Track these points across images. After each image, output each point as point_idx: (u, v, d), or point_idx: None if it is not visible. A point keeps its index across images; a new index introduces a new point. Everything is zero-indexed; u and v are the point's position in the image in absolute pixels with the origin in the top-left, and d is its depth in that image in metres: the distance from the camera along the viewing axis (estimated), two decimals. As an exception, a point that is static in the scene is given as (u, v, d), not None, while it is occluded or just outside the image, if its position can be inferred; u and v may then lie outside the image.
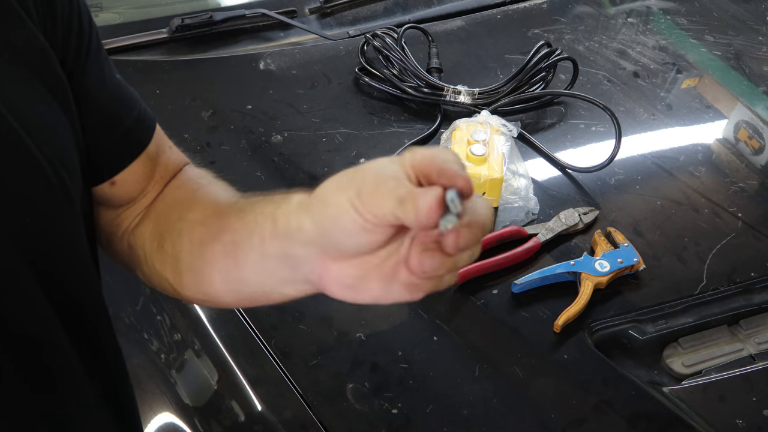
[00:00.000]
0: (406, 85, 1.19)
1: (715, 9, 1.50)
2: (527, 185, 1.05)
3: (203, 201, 0.66)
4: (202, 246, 0.62)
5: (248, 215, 0.59)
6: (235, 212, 0.61)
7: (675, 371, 0.88)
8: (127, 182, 0.66)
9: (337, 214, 0.49)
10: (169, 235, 0.65)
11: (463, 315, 0.91)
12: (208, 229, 0.62)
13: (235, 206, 0.62)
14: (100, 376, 0.62)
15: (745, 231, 1.03)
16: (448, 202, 0.47)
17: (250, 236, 0.57)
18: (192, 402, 0.87)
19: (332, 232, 0.50)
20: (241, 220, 0.59)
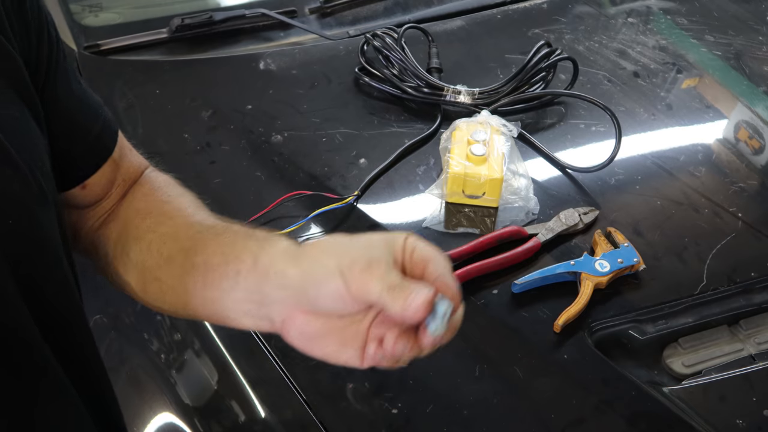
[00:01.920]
0: (406, 85, 1.19)
1: (715, 9, 1.50)
2: (527, 185, 1.05)
3: (176, 216, 0.67)
4: (170, 261, 0.63)
5: (227, 243, 0.60)
6: (213, 235, 0.62)
7: (675, 371, 0.88)
8: (96, 185, 0.69)
9: (325, 277, 0.52)
10: (136, 244, 0.66)
11: (463, 315, 0.91)
12: (179, 245, 0.63)
13: (212, 229, 0.63)
14: (78, 377, 0.63)
15: (745, 231, 1.03)
16: (437, 307, 0.52)
17: (225, 263, 0.59)
18: (192, 402, 0.87)
19: (313, 291, 0.53)
20: (218, 244, 0.61)
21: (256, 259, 0.57)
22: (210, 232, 0.63)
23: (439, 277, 0.54)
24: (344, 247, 0.54)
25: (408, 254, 0.55)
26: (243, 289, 0.58)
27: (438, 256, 0.55)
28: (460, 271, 0.92)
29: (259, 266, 0.57)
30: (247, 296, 0.58)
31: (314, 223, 0.99)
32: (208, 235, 0.62)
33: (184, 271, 0.62)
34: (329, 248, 0.54)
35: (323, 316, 0.55)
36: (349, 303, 0.53)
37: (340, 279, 0.52)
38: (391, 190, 1.06)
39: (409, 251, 0.55)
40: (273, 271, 0.55)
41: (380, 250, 0.53)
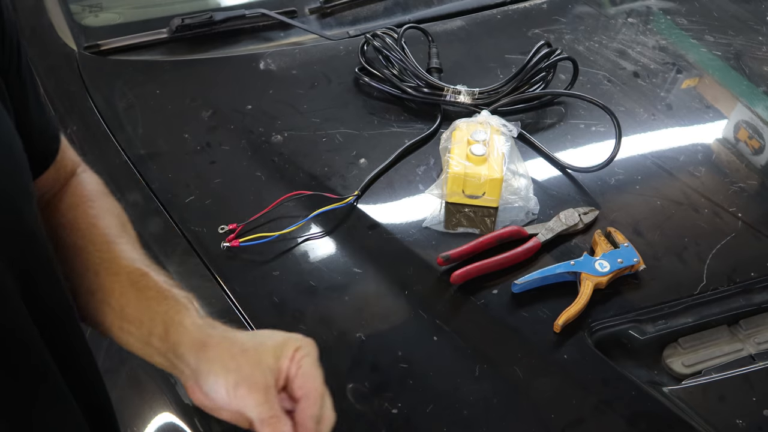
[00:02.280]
0: (406, 85, 1.19)
1: (715, 9, 1.50)
2: (527, 185, 1.05)
3: (98, 243, 0.69)
4: (90, 293, 0.67)
5: (141, 300, 0.66)
6: (129, 284, 0.67)
7: (675, 371, 0.88)
8: (45, 182, 0.70)
9: (215, 385, 0.61)
10: (63, 252, 0.68)
11: (463, 315, 0.91)
12: (99, 280, 0.67)
13: (130, 275, 0.67)
14: (74, 379, 0.63)
15: (745, 231, 1.03)
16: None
17: (140, 322, 0.65)
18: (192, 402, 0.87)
19: (206, 388, 0.62)
20: (134, 298, 0.66)
21: (167, 331, 0.64)
22: (128, 278, 0.67)
23: (307, 410, 0.62)
24: (235, 362, 0.61)
25: (294, 369, 0.62)
26: (155, 349, 0.65)
27: (314, 388, 0.62)
28: (460, 271, 0.92)
29: (168, 340, 0.64)
30: (159, 353, 0.65)
31: (314, 223, 0.99)
32: (126, 282, 0.67)
33: (100, 305, 0.67)
34: (223, 359, 0.61)
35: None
36: (232, 411, 0.62)
37: (225, 394, 0.61)
38: (391, 190, 1.06)
39: (295, 367, 0.62)
40: (179, 352, 0.63)
41: (264, 372, 0.60)
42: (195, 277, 0.93)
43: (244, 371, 0.60)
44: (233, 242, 0.94)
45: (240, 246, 0.94)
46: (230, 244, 0.94)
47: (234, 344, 0.62)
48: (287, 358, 0.62)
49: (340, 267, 0.96)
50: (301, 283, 0.93)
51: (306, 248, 0.97)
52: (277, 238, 0.96)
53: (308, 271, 0.95)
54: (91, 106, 1.16)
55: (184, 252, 0.95)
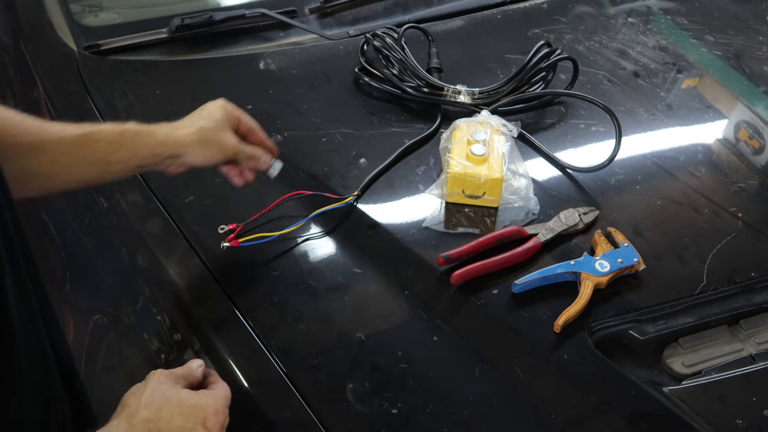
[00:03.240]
0: (406, 85, 1.19)
1: (715, 9, 1.50)
2: (527, 185, 1.05)
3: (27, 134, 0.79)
4: (68, 169, 0.81)
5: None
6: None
7: (675, 371, 0.88)
8: None
9: (190, 135, 0.86)
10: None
11: (463, 315, 0.91)
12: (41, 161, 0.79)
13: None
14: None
15: (745, 231, 1.03)
16: (275, 163, 0.96)
17: (113, 156, 0.82)
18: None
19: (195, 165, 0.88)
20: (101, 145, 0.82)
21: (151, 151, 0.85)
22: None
23: (264, 140, 0.95)
24: (206, 143, 0.87)
25: (236, 121, 0.92)
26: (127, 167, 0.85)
27: (256, 125, 0.94)
28: (460, 271, 0.92)
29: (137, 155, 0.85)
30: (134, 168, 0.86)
31: (314, 223, 0.99)
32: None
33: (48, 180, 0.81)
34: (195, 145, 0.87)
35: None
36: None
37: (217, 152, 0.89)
38: (391, 190, 1.06)
39: (235, 119, 0.91)
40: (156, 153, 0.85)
41: (226, 135, 0.89)
42: (195, 277, 0.93)
43: (213, 145, 0.87)
44: (233, 242, 0.94)
45: (240, 246, 0.94)
46: (230, 244, 0.94)
47: (192, 131, 0.86)
48: (234, 121, 0.91)
49: (340, 267, 0.96)
50: (301, 283, 0.93)
51: (306, 248, 0.97)
52: (277, 238, 0.96)
53: (308, 271, 0.95)
54: (91, 105, 1.16)
55: (184, 252, 0.95)
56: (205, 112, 0.89)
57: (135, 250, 0.99)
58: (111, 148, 0.82)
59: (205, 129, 0.87)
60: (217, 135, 0.88)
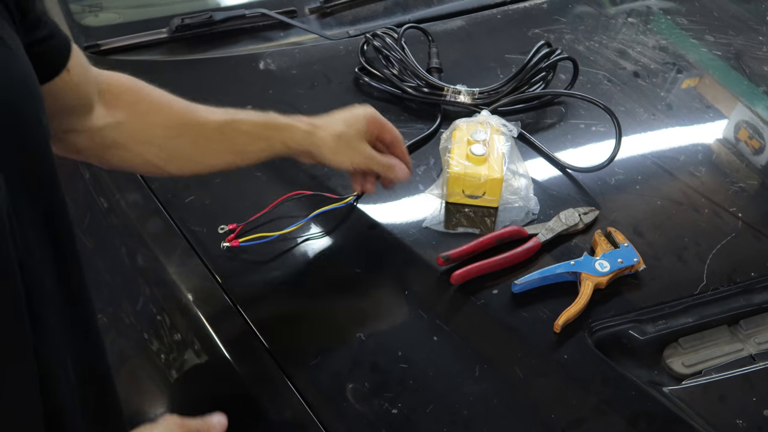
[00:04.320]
0: (406, 85, 1.19)
1: (715, 9, 1.51)
2: (527, 185, 1.05)
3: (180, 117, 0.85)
4: (210, 153, 0.86)
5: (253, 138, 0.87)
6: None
7: (675, 371, 0.88)
8: (77, 70, 0.71)
9: (333, 147, 0.89)
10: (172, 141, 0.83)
11: (463, 315, 0.91)
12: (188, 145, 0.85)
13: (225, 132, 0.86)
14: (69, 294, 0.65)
15: (745, 231, 1.03)
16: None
17: (254, 146, 0.87)
18: (192, 402, 0.87)
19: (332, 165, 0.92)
20: (242, 135, 0.86)
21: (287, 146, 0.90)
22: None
23: (403, 154, 0.97)
24: (344, 149, 0.90)
25: (379, 131, 0.94)
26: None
27: (398, 134, 0.96)
28: (460, 271, 0.92)
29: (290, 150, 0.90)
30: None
31: (314, 223, 0.99)
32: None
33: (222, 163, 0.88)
34: (331, 144, 0.89)
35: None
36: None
37: (350, 166, 0.92)
38: (391, 190, 1.06)
39: (379, 129, 0.94)
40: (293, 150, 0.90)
41: (362, 138, 0.91)
42: (195, 277, 0.93)
43: (346, 155, 0.89)
44: (233, 242, 0.94)
45: (240, 246, 0.94)
46: (230, 244, 0.94)
47: (330, 135, 0.88)
48: (373, 129, 0.92)
49: (340, 267, 0.96)
50: (301, 283, 0.93)
51: (306, 248, 0.97)
52: (277, 238, 0.96)
53: (308, 271, 0.95)
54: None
55: (184, 252, 0.95)
56: (350, 117, 0.91)
57: (135, 250, 0.99)
58: (249, 138, 0.86)
59: (343, 137, 0.89)
60: (352, 144, 0.90)
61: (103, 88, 0.79)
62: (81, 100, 0.76)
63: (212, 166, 0.88)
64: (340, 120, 0.91)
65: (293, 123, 0.88)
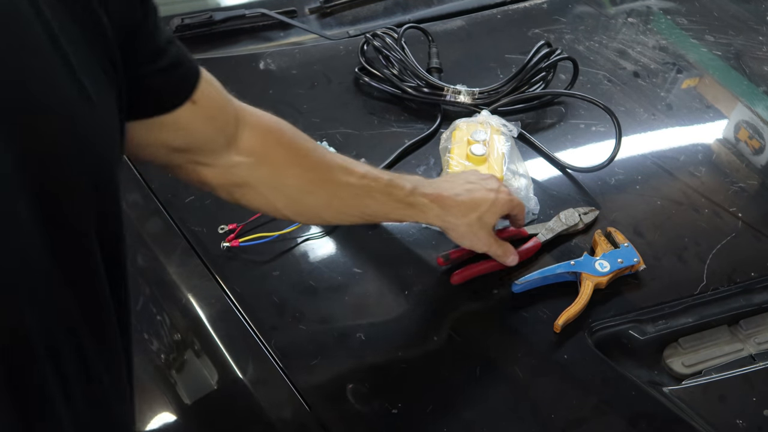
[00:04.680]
0: (406, 85, 1.19)
1: (715, 9, 1.51)
2: (527, 185, 1.05)
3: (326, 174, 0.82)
4: (341, 214, 0.86)
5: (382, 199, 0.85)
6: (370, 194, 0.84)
7: (675, 371, 0.88)
8: (206, 98, 0.69)
9: (461, 233, 0.89)
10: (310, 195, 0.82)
11: (463, 315, 0.91)
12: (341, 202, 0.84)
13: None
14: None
15: (745, 231, 1.03)
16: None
17: (385, 215, 0.88)
18: (192, 402, 0.87)
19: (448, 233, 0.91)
20: (376, 203, 0.85)
21: (411, 208, 0.87)
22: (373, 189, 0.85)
23: (521, 229, 0.98)
24: (468, 208, 0.88)
25: (508, 209, 0.93)
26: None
27: (522, 211, 0.95)
28: (460, 271, 0.92)
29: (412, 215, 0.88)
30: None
31: (314, 223, 0.99)
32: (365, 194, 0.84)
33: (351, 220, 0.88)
34: (461, 210, 0.88)
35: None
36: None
37: (469, 235, 0.89)
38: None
39: (508, 209, 0.92)
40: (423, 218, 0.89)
41: (491, 214, 0.90)
42: (195, 277, 0.93)
43: (483, 213, 0.89)
44: (233, 242, 0.94)
45: (240, 246, 0.94)
46: (230, 244, 0.95)
47: (462, 223, 0.88)
48: (501, 213, 0.91)
49: (340, 267, 0.96)
50: (301, 283, 0.93)
51: (306, 248, 0.97)
52: (277, 238, 0.96)
53: (308, 271, 0.95)
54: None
55: (184, 252, 0.95)
56: (482, 204, 0.89)
57: (135, 250, 0.99)
58: (382, 209, 0.86)
59: (473, 227, 0.88)
60: (478, 234, 0.89)
61: (243, 124, 0.76)
62: (211, 135, 0.73)
63: (338, 222, 0.91)
64: (475, 205, 0.89)
65: (427, 203, 0.87)
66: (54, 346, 0.52)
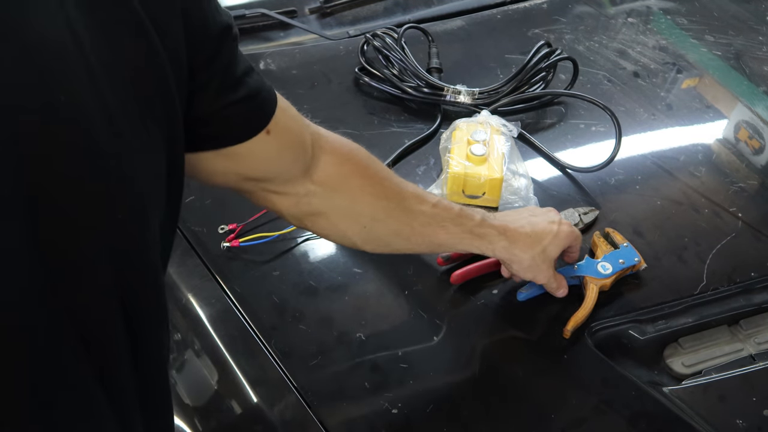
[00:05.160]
0: (406, 85, 1.19)
1: (715, 9, 1.50)
2: (527, 185, 1.05)
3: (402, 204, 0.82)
4: (410, 243, 0.84)
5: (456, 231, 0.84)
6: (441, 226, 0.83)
7: (675, 371, 0.88)
8: (282, 129, 0.69)
9: (525, 266, 0.87)
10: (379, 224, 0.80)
11: (463, 315, 0.91)
12: (415, 236, 0.83)
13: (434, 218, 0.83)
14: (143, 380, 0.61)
15: (745, 231, 1.03)
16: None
17: (453, 245, 0.86)
18: (192, 402, 0.87)
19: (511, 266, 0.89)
20: (445, 233, 0.84)
21: (478, 240, 0.86)
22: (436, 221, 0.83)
23: (574, 260, 0.94)
24: (533, 240, 0.86)
25: (570, 242, 0.90)
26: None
27: (578, 244, 0.93)
28: (460, 271, 0.92)
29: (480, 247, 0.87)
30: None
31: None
32: (438, 226, 0.83)
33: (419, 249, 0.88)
34: (526, 243, 0.86)
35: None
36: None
37: (530, 268, 0.88)
38: (391, 190, 1.06)
39: (570, 241, 0.90)
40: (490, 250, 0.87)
41: (553, 248, 0.88)
42: (195, 277, 0.93)
43: (547, 247, 0.87)
44: (233, 242, 0.94)
45: (240, 246, 0.94)
46: (230, 244, 0.95)
47: (528, 257, 0.86)
48: (563, 247, 0.89)
49: (340, 267, 0.96)
50: (301, 283, 0.93)
51: (306, 248, 0.97)
52: (277, 238, 0.96)
53: (308, 271, 0.95)
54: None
55: (184, 252, 0.95)
56: (547, 237, 0.87)
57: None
58: (451, 239, 0.84)
59: (536, 260, 0.86)
60: (540, 268, 0.87)
61: (320, 152, 0.76)
62: (285, 165, 0.72)
63: (406, 251, 0.87)
64: (539, 237, 0.87)
65: (496, 235, 0.85)
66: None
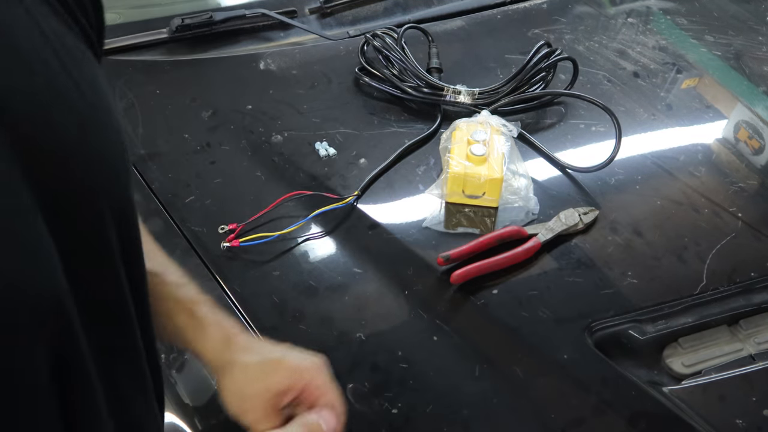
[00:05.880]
0: (406, 85, 1.19)
1: (715, 9, 1.50)
2: (527, 185, 1.05)
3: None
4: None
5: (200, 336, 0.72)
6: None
7: (675, 371, 0.88)
8: None
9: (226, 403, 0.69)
10: None
11: (463, 315, 0.91)
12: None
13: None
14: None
15: (745, 231, 1.03)
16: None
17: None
18: (192, 402, 0.87)
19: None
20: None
21: (203, 355, 0.73)
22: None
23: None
24: (257, 401, 0.67)
25: (312, 391, 0.69)
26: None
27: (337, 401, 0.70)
28: (460, 271, 0.92)
29: (204, 360, 0.73)
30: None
31: (314, 223, 0.99)
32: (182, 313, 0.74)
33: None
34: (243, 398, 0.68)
35: None
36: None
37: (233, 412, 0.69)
38: (391, 190, 1.06)
39: (313, 391, 0.69)
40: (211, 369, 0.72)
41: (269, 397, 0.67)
42: (195, 277, 0.92)
43: (263, 399, 0.68)
44: (233, 242, 0.95)
45: (240, 246, 0.95)
46: (230, 244, 0.95)
47: (255, 379, 0.69)
48: (302, 386, 0.69)
49: (340, 267, 0.96)
50: (301, 283, 0.93)
51: (306, 248, 0.97)
52: (277, 238, 0.96)
53: (308, 271, 0.95)
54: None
55: (184, 252, 0.95)
56: (272, 378, 0.69)
57: (135, 250, 0.99)
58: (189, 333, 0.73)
59: (249, 400, 0.68)
60: (248, 413, 0.68)
61: None
62: None
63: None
64: (263, 378, 0.69)
65: (212, 328, 0.72)
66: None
